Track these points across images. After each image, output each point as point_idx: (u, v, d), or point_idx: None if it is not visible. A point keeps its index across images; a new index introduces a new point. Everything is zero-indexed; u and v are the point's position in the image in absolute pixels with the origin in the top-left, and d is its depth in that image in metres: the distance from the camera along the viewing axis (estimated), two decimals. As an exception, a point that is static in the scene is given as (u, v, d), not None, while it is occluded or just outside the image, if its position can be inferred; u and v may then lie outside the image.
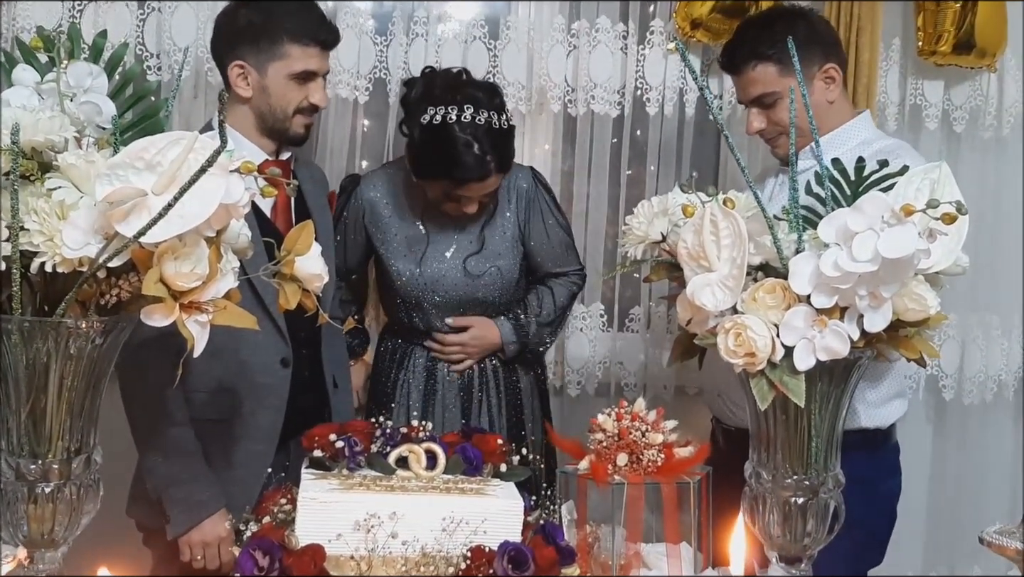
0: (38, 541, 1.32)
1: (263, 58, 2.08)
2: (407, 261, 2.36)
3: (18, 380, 1.28)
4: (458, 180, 2.22)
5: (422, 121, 2.22)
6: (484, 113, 2.20)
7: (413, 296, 2.37)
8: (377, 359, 2.48)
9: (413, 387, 2.40)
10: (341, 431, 1.49)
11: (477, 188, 2.25)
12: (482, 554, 1.32)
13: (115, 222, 1.20)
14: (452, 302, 2.37)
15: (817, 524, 1.54)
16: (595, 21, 2.71)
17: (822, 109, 2.08)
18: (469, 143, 2.18)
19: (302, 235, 1.41)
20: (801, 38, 2.03)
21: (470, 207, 2.29)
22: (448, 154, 2.19)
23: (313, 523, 1.33)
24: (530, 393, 2.46)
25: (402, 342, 2.43)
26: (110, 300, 1.28)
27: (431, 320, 2.38)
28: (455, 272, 2.35)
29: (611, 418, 1.58)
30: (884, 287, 1.37)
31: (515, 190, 2.40)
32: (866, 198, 1.33)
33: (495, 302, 2.40)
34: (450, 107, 2.19)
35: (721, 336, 1.42)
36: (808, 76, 2.05)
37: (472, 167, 2.20)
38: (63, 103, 1.40)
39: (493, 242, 2.38)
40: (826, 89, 2.09)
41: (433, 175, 2.25)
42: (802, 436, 1.50)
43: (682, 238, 1.47)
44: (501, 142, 2.23)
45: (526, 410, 2.44)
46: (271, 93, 2.08)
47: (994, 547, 1.12)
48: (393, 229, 2.38)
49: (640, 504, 1.52)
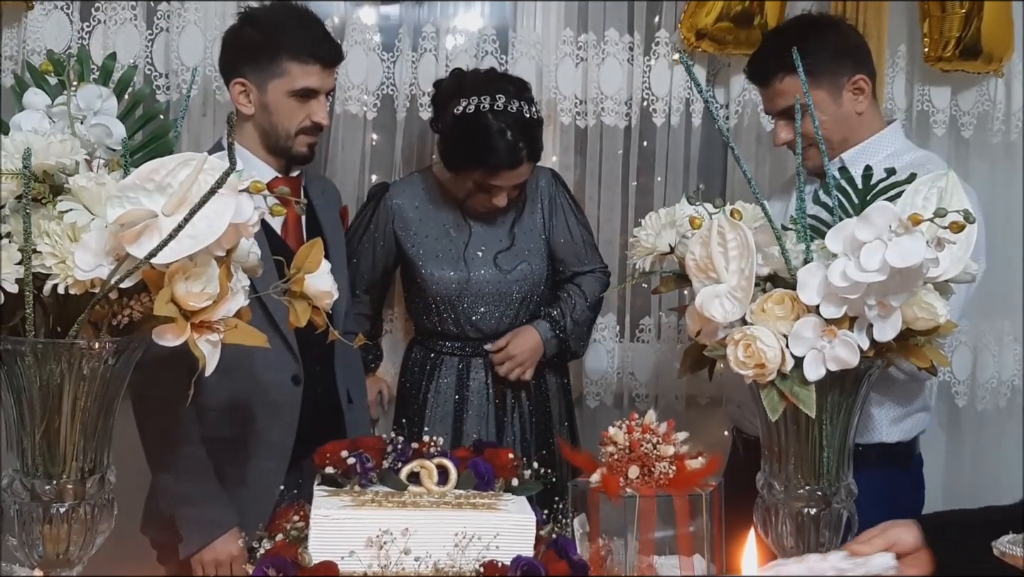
0: (53, 561, 1.33)
1: (264, 76, 2.09)
2: (439, 263, 2.38)
3: (32, 401, 1.30)
4: (491, 168, 2.26)
5: (455, 112, 2.27)
6: (515, 103, 2.26)
7: (446, 298, 2.39)
8: (406, 371, 2.49)
9: (444, 397, 2.42)
10: (353, 447, 1.49)
11: (509, 177, 2.29)
12: (495, 569, 1.32)
13: (126, 244, 1.21)
14: (485, 300, 2.39)
15: (831, 534, 1.54)
16: (603, 33, 2.72)
17: (851, 120, 2.07)
18: (502, 130, 2.24)
19: (311, 252, 1.42)
20: (831, 49, 2.05)
21: (500, 199, 2.32)
22: (481, 142, 2.24)
23: (326, 540, 1.34)
24: (558, 404, 2.50)
25: (432, 352, 2.45)
26: (122, 321, 1.29)
27: (463, 324, 2.40)
28: (487, 269, 2.38)
29: (622, 431, 1.58)
30: (893, 296, 1.37)
31: (538, 190, 2.45)
32: (873, 208, 1.33)
33: (526, 299, 2.43)
34: (483, 97, 2.25)
35: (731, 347, 1.43)
36: (837, 87, 2.05)
37: (505, 155, 2.24)
38: (73, 126, 1.41)
39: (523, 239, 2.42)
40: (855, 100, 2.07)
41: (466, 165, 2.28)
42: (813, 446, 1.50)
43: (690, 250, 1.47)
44: (532, 131, 2.29)
45: (555, 420, 2.47)
46: (272, 111, 2.09)
47: (1008, 557, 1.12)
48: (424, 232, 2.41)
49: (652, 517, 1.52)
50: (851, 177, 1.51)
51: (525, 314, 2.44)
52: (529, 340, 2.41)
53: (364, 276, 2.46)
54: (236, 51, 2.13)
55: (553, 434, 2.44)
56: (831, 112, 2.06)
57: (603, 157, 2.76)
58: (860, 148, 2.07)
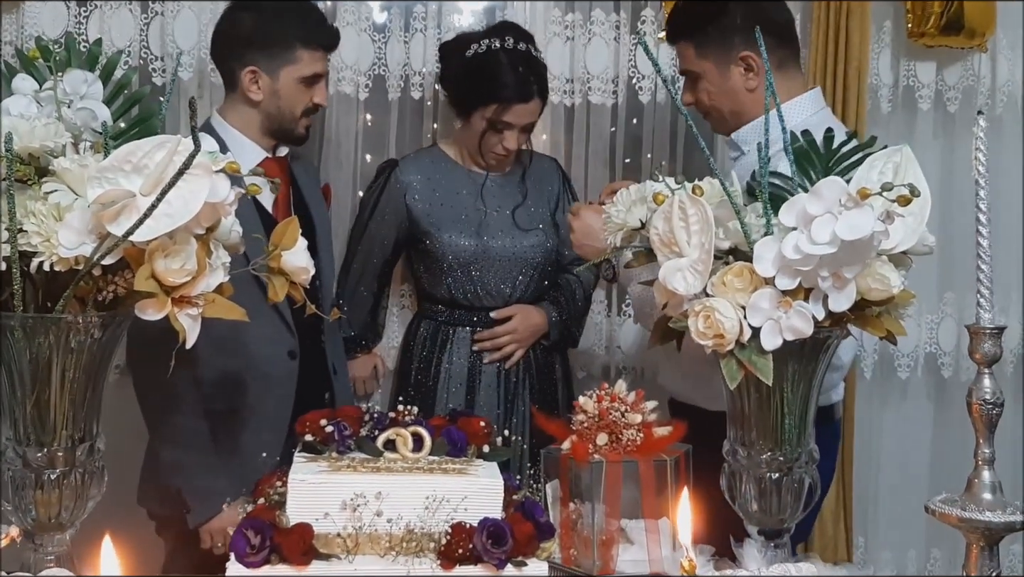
0: (46, 525, 1.40)
1: (275, 63, 2.16)
2: (455, 229, 2.45)
3: (22, 374, 1.36)
4: (504, 102, 2.35)
5: (466, 55, 2.39)
6: (523, 43, 2.40)
7: (461, 265, 2.45)
8: (415, 345, 2.54)
9: (457, 368, 2.48)
10: (332, 417, 1.55)
11: (521, 112, 2.38)
12: (463, 530, 1.38)
13: (106, 222, 1.27)
14: (500, 265, 2.46)
15: (793, 498, 1.59)
16: (590, 13, 2.76)
17: (740, 96, 2.07)
18: (513, 64, 2.36)
19: (288, 230, 1.48)
20: (722, 23, 2.07)
21: (511, 140, 2.40)
22: (494, 77, 2.35)
23: (303, 503, 1.40)
24: (561, 378, 2.57)
25: (443, 324, 2.51)
26: (107, 296, 1.35)
27: (478, 291, 2.47)
28: (503, 233, 2.46)
29: (592, 400, 1.64)
30: (846, 268, 1.41)
31: (543, 176, 2.56)
32: (824, 183, 1.38)
33: (540, 265, 2.50)
34: (492, 38, 2.39)
35: (692, 319, 1.47)
36: (724, 60, 2.07)
37: (517, 87, 2.35)
38: (60, 110, 1.47)
39: (535, 200, 2.51)
40: (744, 77, 2.07)
41: (481, 101, 2.37)
42: (775, 414, 1.55)
43: (653, 224, 1.52)
44: (540, 69, 2.43)
45: (560, 394, 2.55)
46: (282, 96, 2.17)
47: (939, 516, 1.17)
48: (439, 201, 2.48)
49: (618, 481, 1.58)
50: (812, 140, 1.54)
51: (538, 283, 2.50)
52: (535, 319, 2.48)
53: (375, 252, 2.52)
54: (242, 39, 2.18)
55: (558, 405, 2.51)
56: (717, 84, 2.09)
57: (590, 136, 2.81)
58: (751, 126, 2.06)
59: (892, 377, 3.00)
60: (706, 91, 2.11)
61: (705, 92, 2.11)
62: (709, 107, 2.13)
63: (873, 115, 2.82)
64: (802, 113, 2.05)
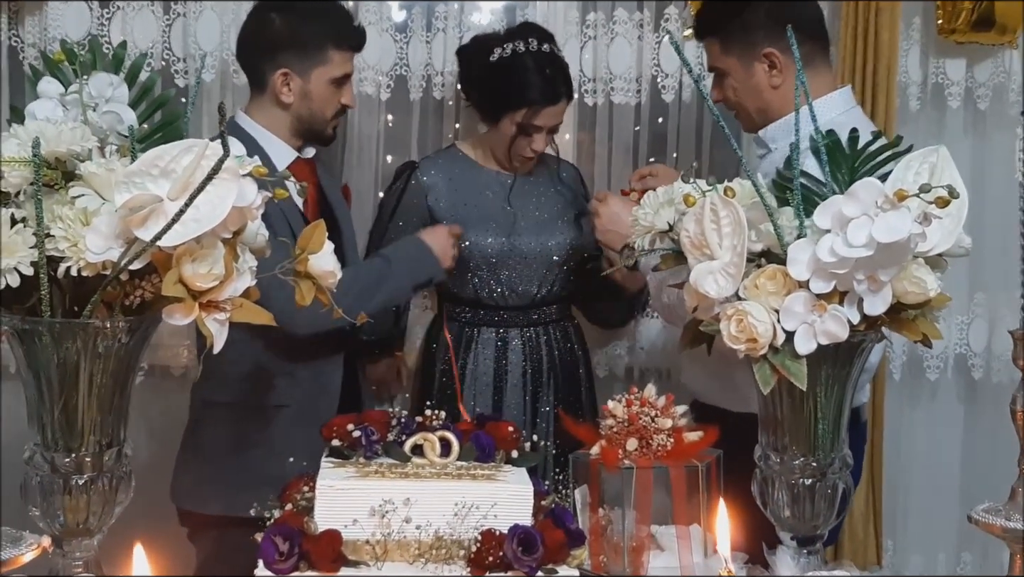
0: (74, 530, 1.39)
1: (307, 64, 2.16)
2: (480, 229, 2.43)
3: (50, 379, 1.35)
4: (532, 105, 2.33)
5: (491, 60, 2.36)
6: (546, 45, 2.37)
7: (487, 264, 2.43)
8: (437, 347, 2.52)
9: (482, 371, 2.46)
10: (358, 421, 1.54)
11: (549, 115, 2.36)
12: (492, 537, 1.36)
13: (133, 227, 1.26)
14: (527, 264, 2.44)
15: (826, 505, 1.57)
16: (612, 12, 2.74)
17: (764, 93, 2.07)
18: (540, 67, 2.34)
19: (315, 233, 1.46)
20: (746, 19, 2.06)
21: (540, 142, 2.39)
22: (521, 80, 2.33)
23: (331, 509, 1.39)
24: (584, 378, 2.55)
25: (467, 325, 2.49)
26: (134, 301, 1.34)
27: (503, 290, 2.45)
28: (529, 231, 2.45)
29: (621, 404, 1.62)
30: (882, 271, 1.39)
31: (568, 180, 2.54)
32: (860, 184, 1.35)
33: (566, 265, 2.47)
34: (516, 41, 2.36)
35: (724, 323, 1.45)
36: (749, 57, 2.06)
37: (544, 90, 2.33)
38: (86, 113, 1.46)
39: (560, 201, 2.49)
40: (768, 74, 2.06)
41: (509, 107, 2.35)
42: (808, 419, 1.52)
43: (684, 227, 1.50)
44: (565, 70, 2.40)
45: (583, 395, 2.53)
46: (313, 98, 2.17)
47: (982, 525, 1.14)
48: (462, 201, 2.46)
49: (649, 487, 1.56)
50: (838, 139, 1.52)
51: (563, 282, 2.49)
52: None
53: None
54: (273, 41, 2.17)
55: (582, 405, 2.49)
56: (742, 81, 2.08)
57: (614, 135, 2.78)
58: (778, 124, 2.05)
59: (921, 379, 2.96)
60: (732, 88, 2.11)
61: (731, 89, 2.11)
62: (735, 104, 2.13)
63: (902, 113, 2.79)
64: (831, 111, 2.02)
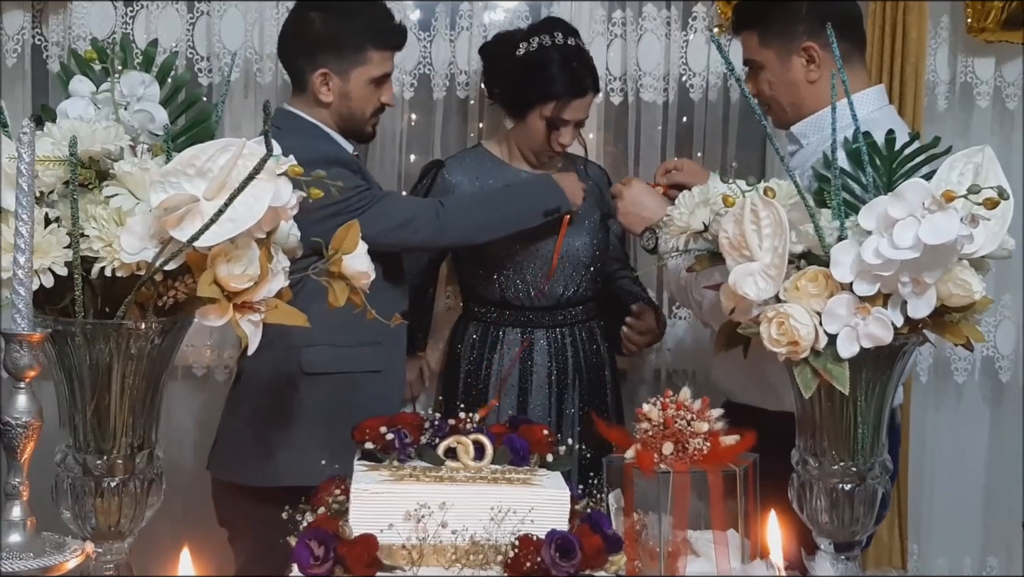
0: (105, 533, 1.38)
1: (346, 64, 2.16)
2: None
3: (83, 380, 1.34)
4: (560, 98, 2.32)
5: (517, 54, 2.35)
6: (571, 39, 2.37)
7: (515, 264, 2.42)
8: (463, 347, 2.50)
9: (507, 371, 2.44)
10: (391, 424, 1.52)
11: (577, 108, 2.35)
12: (530, 543, 1.34)
13: (169, 228, 1.24)
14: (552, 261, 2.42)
15: (865, 510, 1.54)
16: (641, 9, 2.72)
17: (800, 88, 2.04)
18: (567, 60, 2.33)
19: (348, 234, 1.45)
20: (785, 11, 2.04)
21: (567, 136, 2.38)
22: (550, 75, 2.32)
23: (365, 513, 1.37)
24: (610, 380, 2.54)
25: (493, 325, 2.47)
26: (167, 302, 1.33)
27: (530, 292, 2.43)
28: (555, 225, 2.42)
29: (656, 407, 1.59)
30: (927, 273, 1.36)
31: (595, 180, 2.52)
32: (906, 185, 1.33)
33: (593, 265, 2.46)
34: (542, 36, 2.36)
35: (764, 325, 1.43)
36: (787, 50, 2.03)
37: (571, 83, 2.33)
38: (117, 112, 1.45)
39: (587, 201, 2.46)
40: (806, 68, 2.03)
41: (538, 100, 2.34)
42: (848, 423, 1.50)
43: (723, 228, 1.47)
44: (590, 63, 2.40)
45: (609, 397, 2.51)
46: (353, 97, 2.17)
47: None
48: None
49: (686, 492, 1.53)
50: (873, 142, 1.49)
51: (591, 283, 2.47)
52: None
53: (421, 254, 2.49)
54: (314, 41, 2.16)
55: (607, 407, 2.48)
56: (778, 74, 2.05)
57: (641, 134, 2.76)
58: (810, 120, 2.03)
59: (948, 381, 2.93)
60: (767, 81, 2.08)
61: (766, 82, 2.08)
62: (769, 98, 2.10)
63: (930, 112, 2.77)
64: (864, 108, 1.99)
